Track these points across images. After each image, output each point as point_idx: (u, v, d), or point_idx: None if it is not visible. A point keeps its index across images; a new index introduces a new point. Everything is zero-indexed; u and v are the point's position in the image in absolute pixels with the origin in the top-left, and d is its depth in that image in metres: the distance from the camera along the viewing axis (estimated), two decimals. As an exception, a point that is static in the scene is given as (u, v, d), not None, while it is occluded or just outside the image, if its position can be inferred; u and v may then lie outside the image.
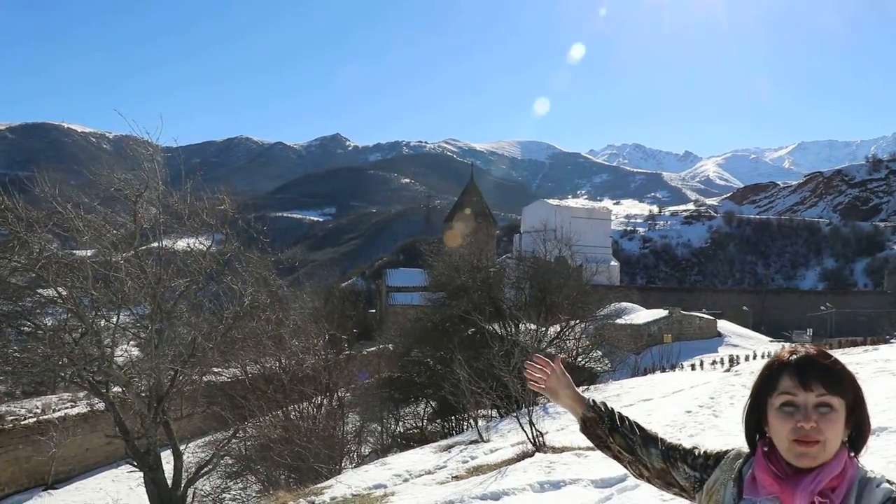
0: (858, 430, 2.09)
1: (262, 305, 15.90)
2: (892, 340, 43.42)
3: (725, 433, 11.60)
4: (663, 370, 33.52)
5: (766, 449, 2.13)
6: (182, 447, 15.32)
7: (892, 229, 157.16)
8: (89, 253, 14.92)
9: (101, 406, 13.93)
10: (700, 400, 15.97)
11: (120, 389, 13.96)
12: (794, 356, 2.09)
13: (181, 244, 16.13)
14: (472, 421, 20.47)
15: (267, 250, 16.74)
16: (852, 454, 2.07)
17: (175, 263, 15.12)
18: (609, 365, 32.75)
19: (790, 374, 2.06)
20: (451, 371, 17.86)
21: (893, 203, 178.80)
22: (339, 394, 26.78)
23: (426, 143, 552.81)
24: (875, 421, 8.49)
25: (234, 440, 19.51)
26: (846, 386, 2.05)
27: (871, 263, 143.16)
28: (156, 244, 15.16)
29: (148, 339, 13.99)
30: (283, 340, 19.59)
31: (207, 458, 17.18)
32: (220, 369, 19.16)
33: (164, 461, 15.45)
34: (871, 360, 20.37)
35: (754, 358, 37.30)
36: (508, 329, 25.75)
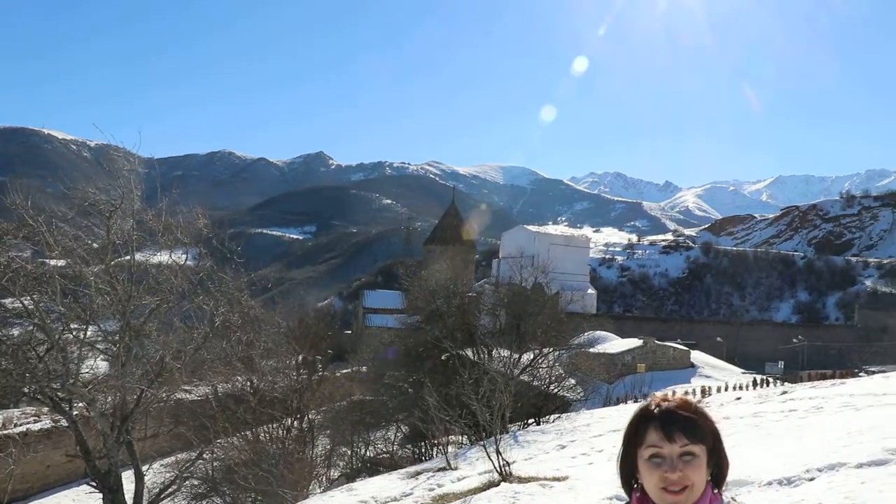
0: (719, 469, 2.37)
1: (233, 326, 15.76)
2: (860, 374, 43.79)
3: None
4: (636, 400, 33.51)
5: (639, 495, 2.36)
6: (145, 468, 15.12)
7: (863, 264, 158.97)
8: (61, 263, 14.74)
9: (64, 423, 13.69)
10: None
11: (83, 406, 13.78)
12: (659, 409, 2.33)
13: (154, 261, 16.00)
14: (441, 448, 20.36)
15: (240, 270, 16.62)
16: (716, 490, 2.36)
17: (147, 280, 14.97)
18: (582, 394, 32.72)
19: (655, 428, 2.30)
20: (422, 396, 17.78)
21: (865, 239, 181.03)
22: (310, 416, 26.60)
23: (409, 164, 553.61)
24: (836, 456, 8.58)
25: (199, 461, 19.28)
26: (706, 433, 2.32)
27: (842, 297, 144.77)
28: (128, 259, 14.99)
29: (115, 356, 13.83)
30: (254, 362, 19.42)
31: (171, 480, 16.94)
32: (189, 388, 18.98)
33: (127, 481, 15.24)
34: (837, 395, 20.54)
35: (726, 389, 37.43)
36: (481, 356, 25.69)
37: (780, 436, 14.36)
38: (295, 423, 24.90)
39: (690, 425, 2.29)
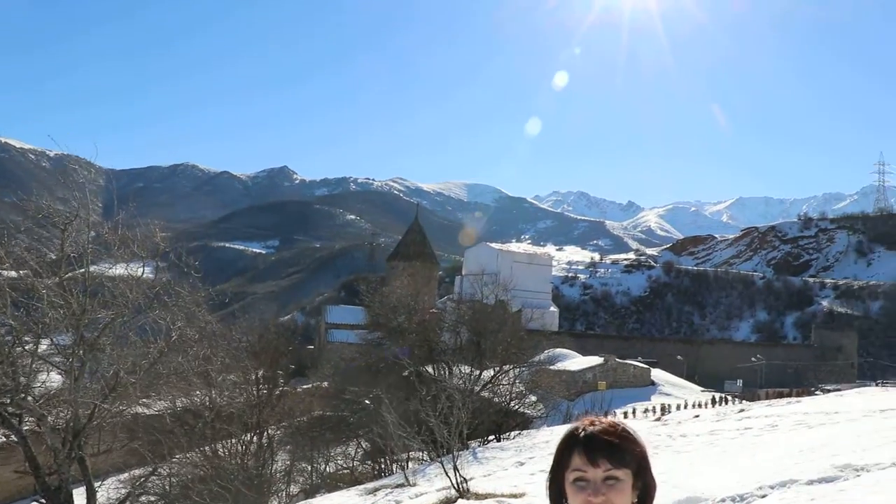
0: (645, 491, 2.42)
1: (190, 341, 15.56)
2: (816, 392, 44.50)
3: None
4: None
5: None
6: (97, 484, 14.85)
7: (820, 285, 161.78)
8: (13, 274, 14.46)
9: (14, 438, 13.39)
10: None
11: (34, 421, 13.50)
12: (584, 434, 2.38)
13: (111, 274, 15.77)
14: (400, 464, 20.29)
15: (197, 285, 16.43)
16: None
17: (102, 294, 14.74)
18: (542, 411, 32.81)
19: (579, 452, 2.35)
20: (381, 413, 17.70)
21: (822, 260, 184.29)
22: (269, 432, 26.34)
23: (374, 180, 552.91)
24: (787, 473, 8.68)
25: (156, 478, 18.98)
26: (630, 457, 2.37)
27: (800, 317, 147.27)
28: (83, 271, 14.76)
29: (68, 370, 13.58)
30: (210, 377, 19.20)
31: (124, 496, 16.65)
32: (147, 401, 18.70)
33: (80, 497, 14.94)
34: (792, 413, 20.86)
35: (685, 407, 37.78)
36: (441, 372, 25.67)
37: (736, 453, 14.52)
38: (254, 438, 24.65)
39: (614, 450, 2.33)
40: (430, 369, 25.95)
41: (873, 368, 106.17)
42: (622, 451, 2.35)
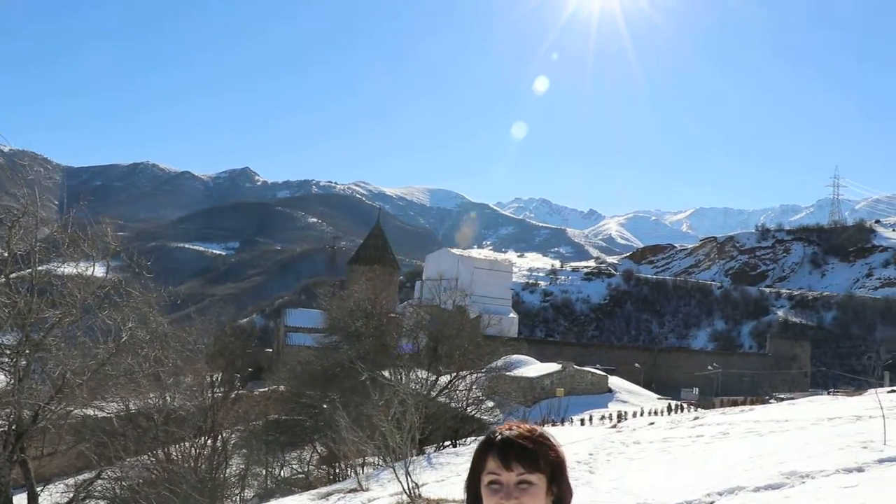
0: (560, 497, 2.46)
1: (140, 342, 15.30)
2: (770, 401, 45.10)
3: (597, 490, 11.71)
4: (553, 424, 33.78)
5: None
6: (39, 488, 14.53)
7: (775, 295, 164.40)
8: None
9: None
10: (579, 455, 16.11)
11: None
12: (500, 438, 2.43)
13: (60, 272, 15.45)
14: (355, 469, 20.16)
15: (149, 285, 16.16)
16: None
17: (50, 293, 14.44)
18: (499, 417, 32.81)
19: (494, 456, 2.40)
20: (335, 416, 17.58)
21: (778, 271, 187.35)
22: (224, 436, 26.00)
23: (336, 183, 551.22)
24: (735, 480, 8.75)
25: (102, 481, 18.64)
26: (545, 463, 2.41)
27: (756, 326, 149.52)
28: (31, 270, 14.45)
29: (12, 370, 13.28)
30: (161, 379, 18.91)
31: (68, 501, 16.31)
32: (96, 405, 18.35)
33: (22, 501, 14.61)
34: (744, 421, 21.06)
35: (641, 415, 38.09)
36: (398, 377, 25.58)
37: (687, 460, 14.61)
38: (208, 442, 24.32)
39: (528, 455, 2.38)
40: (386, 374, 25.82)
41: (825, 377, 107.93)
42: (537, 455, 2.39)
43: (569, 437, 22.34)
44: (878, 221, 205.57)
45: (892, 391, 32.89)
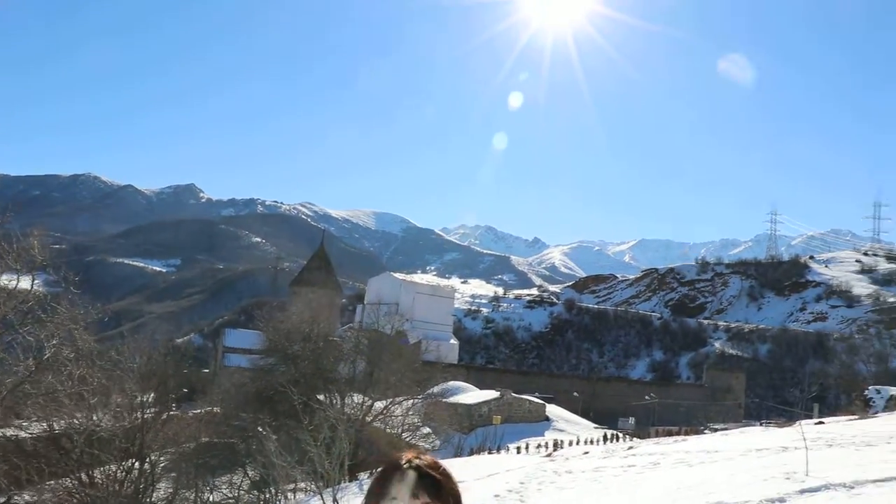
0: None
1: (64, 360, 14.81)
2: (705, 431, 45.68)
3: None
4: (489, 451, 33.72)
5: None
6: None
7: (713, 327, 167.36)
8: None
9: None
10: (511, 484, 16.06)
11: None
12: (408, 465, 2.44)
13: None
14: (288, 494, 19.81)
15: (77, 301, 15.69)
16: None
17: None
18: (436, 443, 32.63)
19: (400, 483, 2.41)
20: (264, 441, 17.25)
21: (716, 303, 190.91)
22: (152, 458, 25.31)
23: (282, 203, 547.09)
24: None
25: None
26: (446, 493, 2.43)
27: (694, 357, 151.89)
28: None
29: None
30: (86, 398, 18.33)
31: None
32: (18, 423, 17.71)
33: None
34: (676, 451, 21.27)
35: (577, 444, 38.18)
36: (333, 401, 25.28)
37: (617, 490, 14.65)
38: (135, 465, 23.63)
39: (434, 484, 2.41)
40: (321, 398, 25.48)
41: (759, 409, 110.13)
42: (441, 487, 2.43)
43: (503, 465, 22.28)
44: (812, 257, 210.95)
45: (820, 423, 33.61)
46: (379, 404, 28.08)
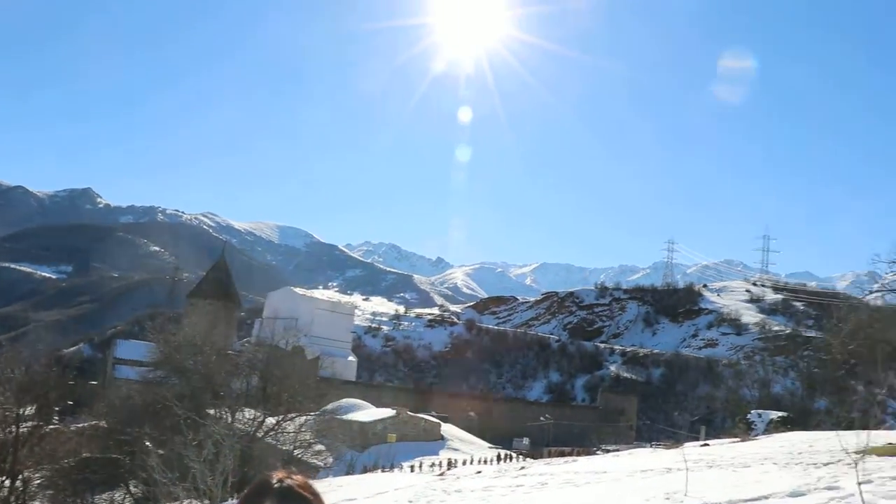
0: None
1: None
2: (597, 452, 46.56)
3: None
4: (383, 470, 33.49)
5: None
6: None
7: (609, 351, 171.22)
8: None
9: None
10: (399, 503, 15.96)
11: None
12: (279, 485, 2.43)
13: None
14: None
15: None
16: None
17: None
18: (329, 461, 32.24)
19: (272, 501, 2.40)
20: (146, 456, 16.67)
21: (613, 327, 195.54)
22: (24, 475, 24.20)
23: (183, 213, 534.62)
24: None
25: None
26: None
27: (589, 380, 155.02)
28: None
29: None
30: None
31: None
32: None
33: None
34: (565, 472, 21.57)
35: (471, 463, 38.32)
36: (223, 416, 24.69)
37: (503, 511, 14.73)
38: (6, 482, 22.51)
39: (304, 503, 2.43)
40: (211, 412, 24.83)
41: (650, 431, 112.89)
42: None
43: (393, 484, 22.15)
44: (705, 286, 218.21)
45: (705, 445, 34.71)
46: (271, 420, 27.60)
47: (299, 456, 29.15)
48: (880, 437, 23.96)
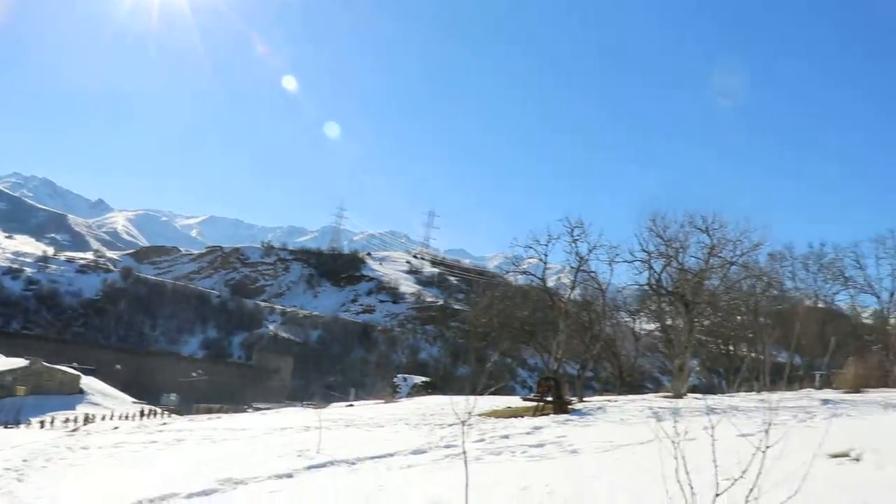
0: None
1: None
2: (247, 410, 46.60)
3: (20, 500, 10.74)
4: (6, 426, 30.90)
5: None
6: None
7: (269, 310, 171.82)
8: None
9: None
10: (11, 462, 14.67)
11: None
12: None
13: None
14: None
15: None
16: None
17: None
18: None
19: None
20: None
21: (276, 287, 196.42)
22: None
23: None
24: (172, 487, 8.62)
25: None
26: None
27: (247, 338, 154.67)
28: None
29: None
30: None
31: None
32: None
33: None
34: (205, 428, 21.57)
35: (111, 418, 36.70)
36: None
37: (131, 466, 14.25)
38: None
39: None
40: None
41: (305, 391, 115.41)
42: None
43: (11, 441, 20.38)
44: (369, 254, 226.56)
45: (350, 405, 36.23)
46: None
47: None
48: (498, 401, 26.68)
